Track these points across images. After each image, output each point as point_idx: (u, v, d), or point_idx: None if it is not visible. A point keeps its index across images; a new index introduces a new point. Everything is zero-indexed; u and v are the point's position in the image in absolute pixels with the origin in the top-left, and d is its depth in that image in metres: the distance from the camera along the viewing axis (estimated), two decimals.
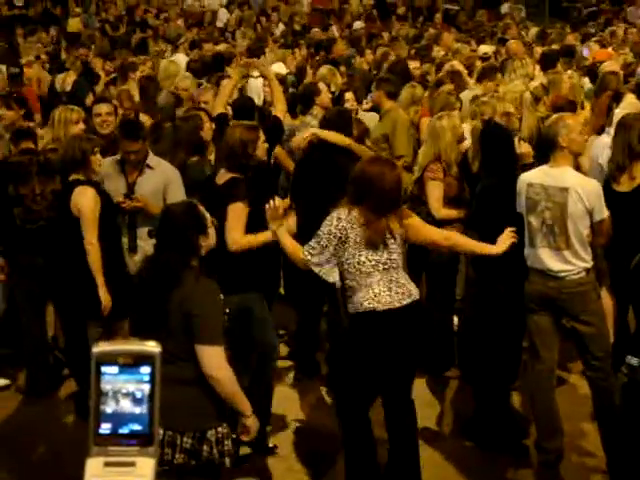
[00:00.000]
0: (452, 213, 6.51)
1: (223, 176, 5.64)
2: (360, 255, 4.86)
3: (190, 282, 4.05)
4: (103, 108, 7.41)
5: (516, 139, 6.28)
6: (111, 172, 6.35)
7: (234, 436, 4.17)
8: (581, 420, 6.02)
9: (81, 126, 7.13)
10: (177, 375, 3.95)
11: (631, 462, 4.85)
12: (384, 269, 4.88)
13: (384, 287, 4.87)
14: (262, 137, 5.74)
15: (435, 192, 6.54)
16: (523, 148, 6.38)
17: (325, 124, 6.79)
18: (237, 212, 5.43)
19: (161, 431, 3.91)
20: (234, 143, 5.63)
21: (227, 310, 4.27)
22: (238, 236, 5.39)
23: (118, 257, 6.13)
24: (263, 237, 5.34)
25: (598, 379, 5.40)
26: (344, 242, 4.86)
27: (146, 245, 6.00)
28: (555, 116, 5.73)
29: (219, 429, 4.08)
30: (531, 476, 5.52)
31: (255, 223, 5.39)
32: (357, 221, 4.86)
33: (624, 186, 5.95)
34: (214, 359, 4.03)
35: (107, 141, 6.77)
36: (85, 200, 5.93)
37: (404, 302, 4.89)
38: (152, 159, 6.33)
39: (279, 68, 10.39)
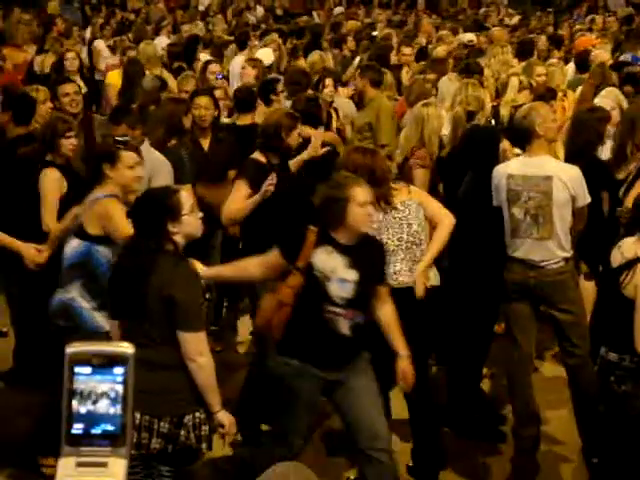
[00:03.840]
0: None
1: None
2: (381, 237, 5.00)
3: (168, 267, 4.03)
4: (69, 87, 7.37)
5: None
6: None
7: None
8: (558, 407, 6.06)
9: (49, 104, 7.09)
10: (155, 359, 3.96)
11: (608, 449, 4.90)
12: (407, 247, 5.09)
13: (405, 266, 5.07)
14: (299, 129, 5.88)
15: (423, 180, 6.50)
16: (505, 145, 6.35)
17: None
18: (237, 187, 5.65)
19: (138, 415, 3.91)
20: (269, 124, 5.84)
21: (207, 295, 4.27)
22: (228, 207, 5.58)
23: None
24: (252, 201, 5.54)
25: (576, 366, 5.44)
26: None
27: None
28: (527, 106, 5.78)
29: (196, 414, 4.08)
30: (507, 462, 5.55)
31: (273, 210, 5.52)
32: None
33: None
34: (196, 345, 4.03)
35: (77, 121, 6.73)
36: (47, 181, 5.85)
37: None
38: (145, 147, 6.23)
39: (266, 55, 10.28)
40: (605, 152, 6.43)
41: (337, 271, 4.42)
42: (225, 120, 7.80)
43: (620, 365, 4.66)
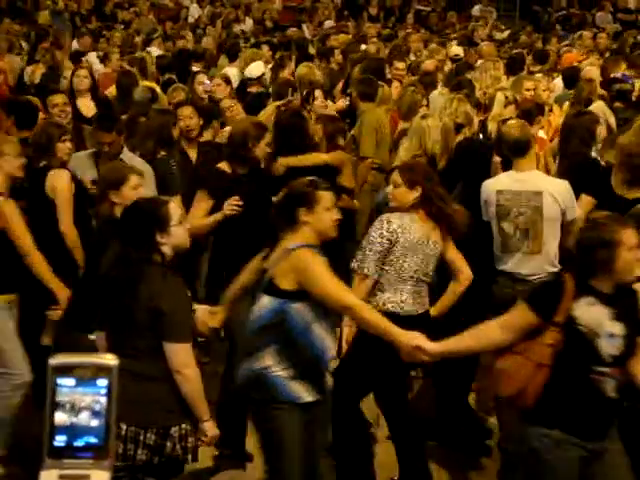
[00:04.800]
0: None
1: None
2: (404, 261, 4.94)
3: (156, 279, 4.03)
4: (58, 99, 7.41)
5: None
6: (83, 164, 6.34)
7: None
8: None
9: (41, 115, 7.13)
10: (141, 370, 3.95)
11: None
12: (419, 281, 5.01)
13: (410, 298, 4.98)
14: (267, 140, 5.80)
15: None
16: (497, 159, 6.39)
17: (278, 127, 6.73)
18: (197, 199, 5.63)
19: (124, 427, 3.89)
20: (236, 133, 5.80)
21: (194, 307, 4.27)
22: (189, 220, 5.36)
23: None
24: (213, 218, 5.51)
25: None
26: (393, 245, 4.92)
27: None
28: (518, 121, 5.81)
29: (182, 426, 4.07)
30: (493, 477, 5.55)
31: (241, 223, 5.49)
32: (411, 225, 4.95)
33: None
34: (182, 356, 4.02)
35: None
36: (61, 182, 5.84)
37: (420, 311, 5.05)
38: (125, 154, 6.33)
39: (257, 68, 10.30)
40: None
41: (604, 325, 3.87)
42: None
43: None
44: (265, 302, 4.24)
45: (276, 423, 4.26)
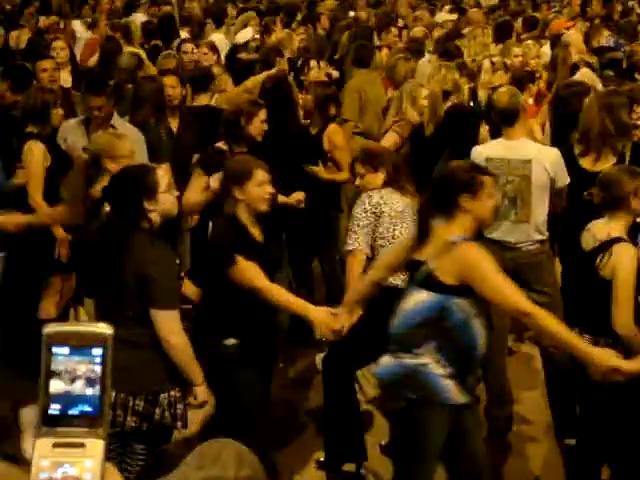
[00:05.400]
0: None
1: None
2: (395, 230, 4.99)
3: (143, 245, 4.03)
4: (47, 64, 7.36)
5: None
6: (74, 132, 6.29)
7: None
8: (532, 388, 6.11)
9: (34, 83, 7.09)
10: (130, 337, 3.95)
11: (585, 430, 4.92)
12: None
13: None
14: (262, 117, 5.77)
15: (392, 143, 6.61)
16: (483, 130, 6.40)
17: (264, 93, 6.68)
18: (193, 177, 5.61)
19: (113, 393, 3.90)
20: (230, 111, 5.86)
21: (182, 274, 4.27)
22: (186, 197, 5.38)
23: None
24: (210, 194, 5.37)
25: (550, 347, 5.48)
26: (379, 217, 5.00)
27: None
28: (509, 88, 5.80)
29: (172, 392, 4.09)
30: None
31: None
32: (391, 196, 5.05)
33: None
34: (168, 323, 4.03)
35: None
36: (32, 156, 5.79)
37: None
38: (116, 120, 6.29)
39: (243, 34, 10.26)
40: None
41: None
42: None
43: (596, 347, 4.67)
44: (423, 297, 3.95)
45: (425, 426, 4.01)
